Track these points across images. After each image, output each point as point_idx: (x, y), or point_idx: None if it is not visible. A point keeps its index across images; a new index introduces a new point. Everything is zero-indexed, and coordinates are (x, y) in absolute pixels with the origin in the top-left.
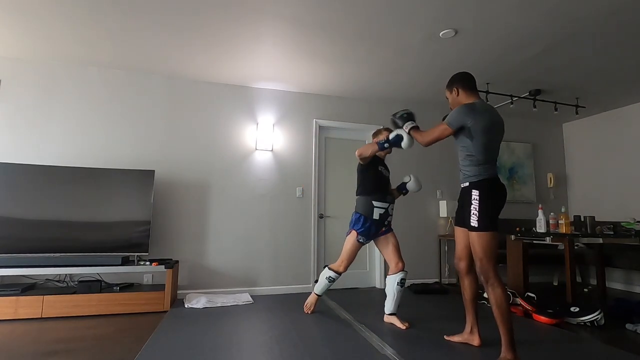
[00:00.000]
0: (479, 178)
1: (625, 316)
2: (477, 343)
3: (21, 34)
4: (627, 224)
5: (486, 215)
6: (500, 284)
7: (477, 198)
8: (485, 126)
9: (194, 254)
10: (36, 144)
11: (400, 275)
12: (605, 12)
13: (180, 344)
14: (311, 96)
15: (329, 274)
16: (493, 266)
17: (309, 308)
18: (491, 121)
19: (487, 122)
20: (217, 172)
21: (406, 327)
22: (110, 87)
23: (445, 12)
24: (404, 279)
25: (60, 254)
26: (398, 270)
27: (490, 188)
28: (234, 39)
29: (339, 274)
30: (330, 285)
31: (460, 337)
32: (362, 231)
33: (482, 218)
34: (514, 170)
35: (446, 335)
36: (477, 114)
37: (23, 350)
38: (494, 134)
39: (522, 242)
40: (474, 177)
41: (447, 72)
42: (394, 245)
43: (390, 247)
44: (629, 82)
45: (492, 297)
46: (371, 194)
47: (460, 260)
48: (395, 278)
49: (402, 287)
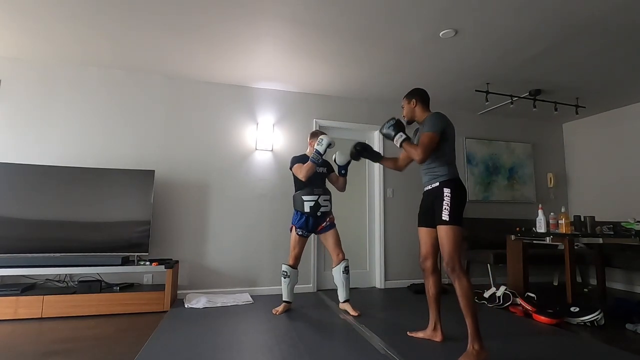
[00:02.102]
0: (449, 177)
1: (625, 316)
2: (439, 339)
3: (21, 34)
4: (627, 224)
5: (456, 211)
6: (465, 275)
7: (449, 195)
8: (453, 128)
9: (194, 254)
10: (36, 144)
11: (343, 264)
12: (605, 12)
13: (180, 344)
14: (311, 96)
15: (282, 267)
16: (459, 259)
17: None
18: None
19: (452, 127)
20: (217, 172)
21: (358, 314)
22: (110, 87)
23: (445, 12)
24: (347, 266)
25: (60, 254)
26: (340, 261)
27: (459, 187)
28: (234, 39)
29: (290, 267)
30: (287, 282)
31: (424, 333)
32: (299, 224)
33: (453, 213)
34: (514, 170)
35: (409, 331)
36: (447, 119)
37: (23, 350)
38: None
39: (522, 242)
40: (444, 177)
41: (447, 72)
42: (333, 239)
43: (330, 241)
44: (629, 82)
45: (458, 288)
46: (301, 189)
47: (426, 260)
48: (339, 268)
49: (347, 274)
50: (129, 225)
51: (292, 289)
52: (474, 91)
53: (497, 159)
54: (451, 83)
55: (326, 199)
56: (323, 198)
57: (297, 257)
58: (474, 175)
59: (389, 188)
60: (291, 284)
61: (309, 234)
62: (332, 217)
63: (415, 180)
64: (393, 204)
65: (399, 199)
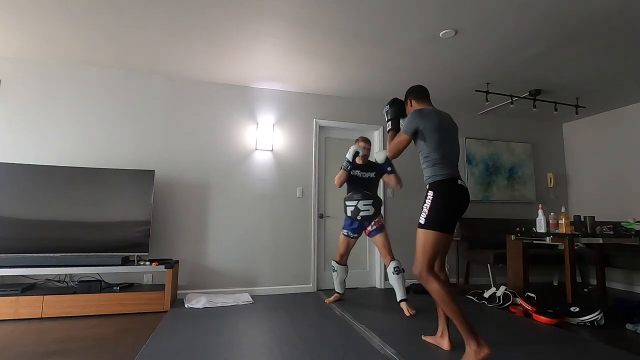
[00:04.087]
0: (435, 179)
1: (625, 316)
2: (446, 347)
3: (21, 34)
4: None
5: (436, 215)
6: (434, 278)
7: (431, 198)
8: (435, 125)
9: (194, 254)
10: (36, 144)
11: (391, 265)
12: (605, 12)
13: (180, 344)
14: (311, 96)
15: (331, 263)
16: (426, 264)
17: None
18: (440, 120)
19: (436, 121)
20: (217, 172)
21: (410, 314)
22: (110, 87)
23: (445, 12)
24: (397, 267)
25: (60, 254)
26: (388, 263)
27: (445, 188)
28: (234, 39)
29: (337, 263)
30: (335, 276)
31: (433, 338)
32: (345, 226)
33: (430, 217)
34: (514, 170)
35: (423, 335)
36: (426, 116)
37: (23, 350)
38: (446, 132)
39: (522, 242)
40: (430, 179)
41: (447, 72)
42: (380, 242)
43: (378, 244)
44: (629, 82)
45: (430, 293)
46: (346, 195)
47: None
48: (389, 270)
49: (398, 274)
50: (129, 225)
51: (341, 282)
52: (474, 91)
53: (497, 159)
54: (451, 83)
55: (367, 203)
56: (363, 203)
57: (343, 255)
58: (474, 175)
59: (389, 188)
60: (340, 278)
61: (355, 236)
62: (379, 220)
63: (416, 181)
64: (393, 204)
65: (399, 199)
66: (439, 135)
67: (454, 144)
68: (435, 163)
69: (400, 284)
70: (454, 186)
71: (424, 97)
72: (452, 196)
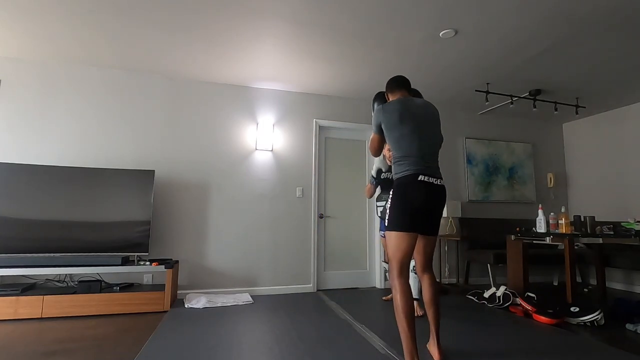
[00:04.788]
0: (397, 176)
1: (625, 316)
2: (436, 356)
3: (22, 34)
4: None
5: (393, 215)
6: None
7: (391, 196)
8: (393, 120)
9: (194, 254)
10: (36, 144)
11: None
12: (605, 12)
13: (180, 344)
14: (311, 96)
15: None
16: (396, 269)
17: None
18: (401, 114)
19: (395, 116)
20: (217, 172)
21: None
22: (110, 87)
23: (445, 12)
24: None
25: (60, 254)
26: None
27: (402, 187)
28: (234, 39)
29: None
30: None
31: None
32: (381, 227)
33: (390, 217)
34: (514, 170)
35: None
36: (386, 111)
37: (23, 350)
38: (408, 124)
39: (522, 242)
40: (394, 176)
41: (447, 72)
42: None
43: None
44: (629, 82)
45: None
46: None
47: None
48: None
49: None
50: (129, 225)
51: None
52: (474, 91)
53: (497, 159)
54: (451, 83)
55: None
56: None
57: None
58: (474, 175)
59: None
60: None
61: None
62: None
63: None
64: None
65: None
66: (399, 131)
67: (426, 135)
68: (396, 160)
69: (415, 284)
70: (412, 183)
71: (397, 88)
72: (410, 193)
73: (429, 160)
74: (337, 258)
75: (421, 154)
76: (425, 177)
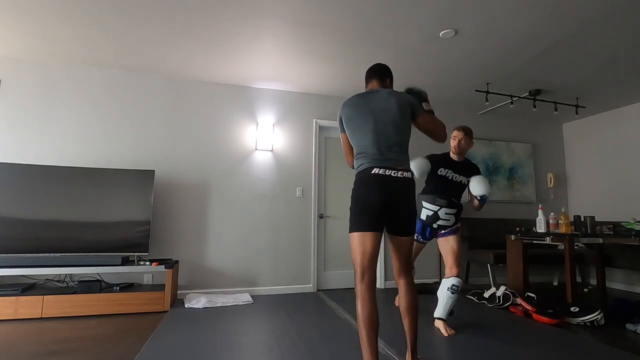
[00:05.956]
0: (355, 173)
1: (625, 316)
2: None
3: (22, 34)
4: (627, 224)
5: (351, 214)
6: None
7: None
8: (347, 114)
9: (194, 254)
10: (36, 144)
11: (451, 281)
12: (605, 12)
13: (180, 344)
14: (311, 96)
15: None
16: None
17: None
18: (355, 107)
19: (349, 109)
20: (217, 172)
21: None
22: (110, 87)
23: (445, 12)
24: (456, 285)
25: (60, 254)
26: (450, 276)
27: (359, 181)
28: (234, 39)
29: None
30: None
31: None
32: (417, 229)
33: (350, 218)
34: (514, 170)
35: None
36: (345, 106)
37: (23, 350)
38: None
39: (522, 242)
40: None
41: (447, 72)
42: (451, 248)
43: (447, 249)
44: (629, 82)
45: None
46: (424, 194)
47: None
48: (446, 283)
49: (453, 293)
50: (129, 225)
51: None
52: (474, 91)
53: (497, 159)
54: (451, 83)
55: (450, 212)
56: (445, 211)
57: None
58: None
59: None
60: None
61: (424, 241)
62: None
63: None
64: None
65: None
66: (355, 125)
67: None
68: (355, 156)
69: (448, 303)
70: (366, 178)
71: (369, 78)
72: (365, 189)
73: (386, 153)
74: (337, 258)
75: (377, 146)
76: (380, 169)
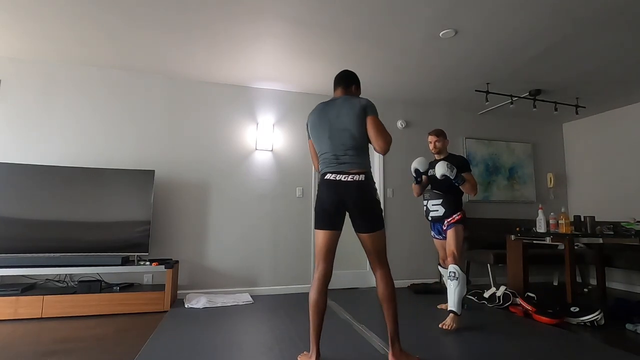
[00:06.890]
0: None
1: (625, 316)
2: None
3: (22, 34)
4: (627, 224)
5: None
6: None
7: None
8: (310, 122)
9: (194, 254)
10: (36, 144)
11: (448, 270)
12: (605, 12)
13: (180, 344)
14: (311, 96)
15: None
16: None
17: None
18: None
19: (312, 120)
20: (217, 172)
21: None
22: (110, 87)
23: (445, 12)
24: (453, 272)
25: (60, 254)
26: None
27: (319, 186)
28: (234, 39)
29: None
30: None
31: None
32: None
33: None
34: (514, 170)
35: None
36: (310, 115)
37: (23, 350)
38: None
39: (522, 242)
40: None
41: (447, 72)
42: (447, 242)
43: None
44: (629, 82)
45: None
46: None
47: None
48: (445, 274)
49: (452, 280)
50: (129, 225)
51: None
52: (474, 91)
53: (497, 159)
54: (451, 83)
55: (436, 204)
56: (432, 203)
57: (442, 257)
58: (474, 175)
59: (389, 188)
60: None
61: (439, 237)
62: (456, 217)
63: None
64: (393, 204)
65: (399, 199)
66: (315, 132)
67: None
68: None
69: (453, 292)
70: (322, 183)
71: (335, 86)
72: (321, 192)
73: (341, 157)
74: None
75: (334, 152)
76: (332, 175)
